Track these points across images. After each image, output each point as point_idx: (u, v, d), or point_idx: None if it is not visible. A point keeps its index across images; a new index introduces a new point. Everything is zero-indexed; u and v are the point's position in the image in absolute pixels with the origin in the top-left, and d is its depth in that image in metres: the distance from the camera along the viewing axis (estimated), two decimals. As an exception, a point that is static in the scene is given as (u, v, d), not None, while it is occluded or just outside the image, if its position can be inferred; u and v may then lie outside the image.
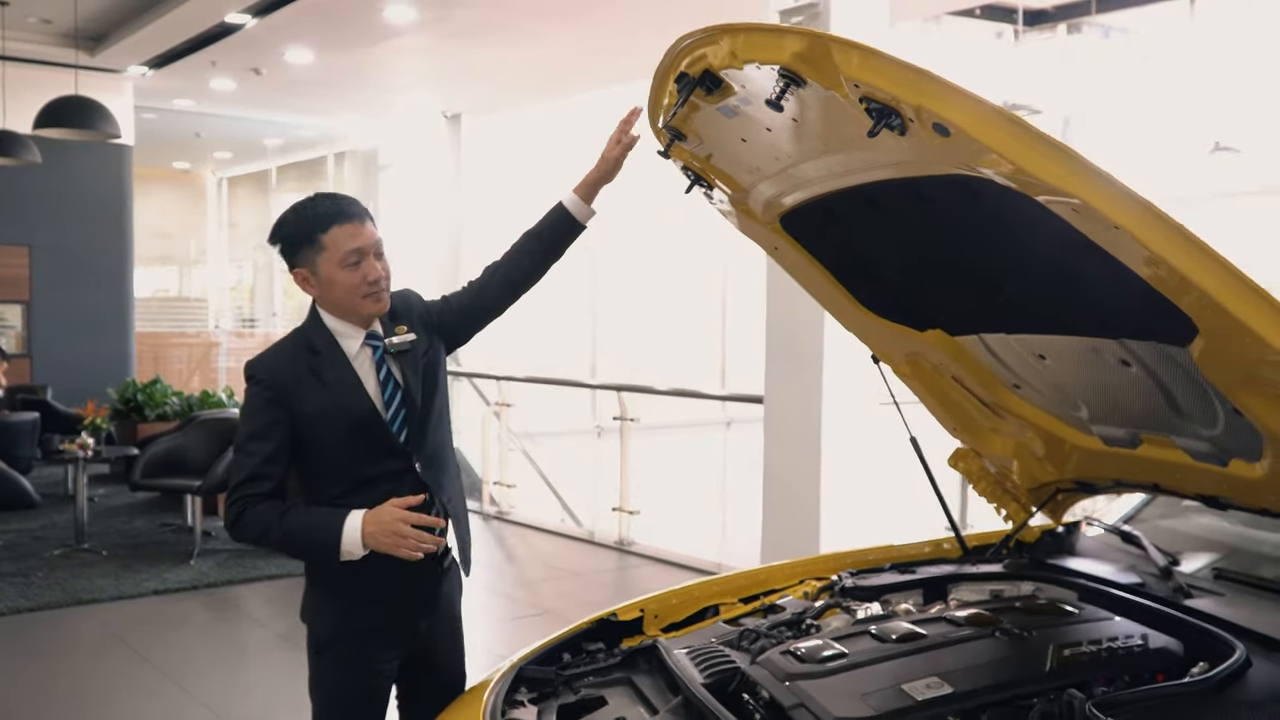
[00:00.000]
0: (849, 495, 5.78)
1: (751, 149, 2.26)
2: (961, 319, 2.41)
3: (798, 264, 2.65)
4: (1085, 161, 1.61)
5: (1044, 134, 1.63)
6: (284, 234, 2.43)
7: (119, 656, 5.42)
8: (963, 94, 1.66)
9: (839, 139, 1.97)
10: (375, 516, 2.28)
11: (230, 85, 11.39)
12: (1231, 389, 1.83)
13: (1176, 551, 2.67)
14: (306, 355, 2.42)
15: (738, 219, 2.65)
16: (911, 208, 2.06)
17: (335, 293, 2.42)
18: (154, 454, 7.44)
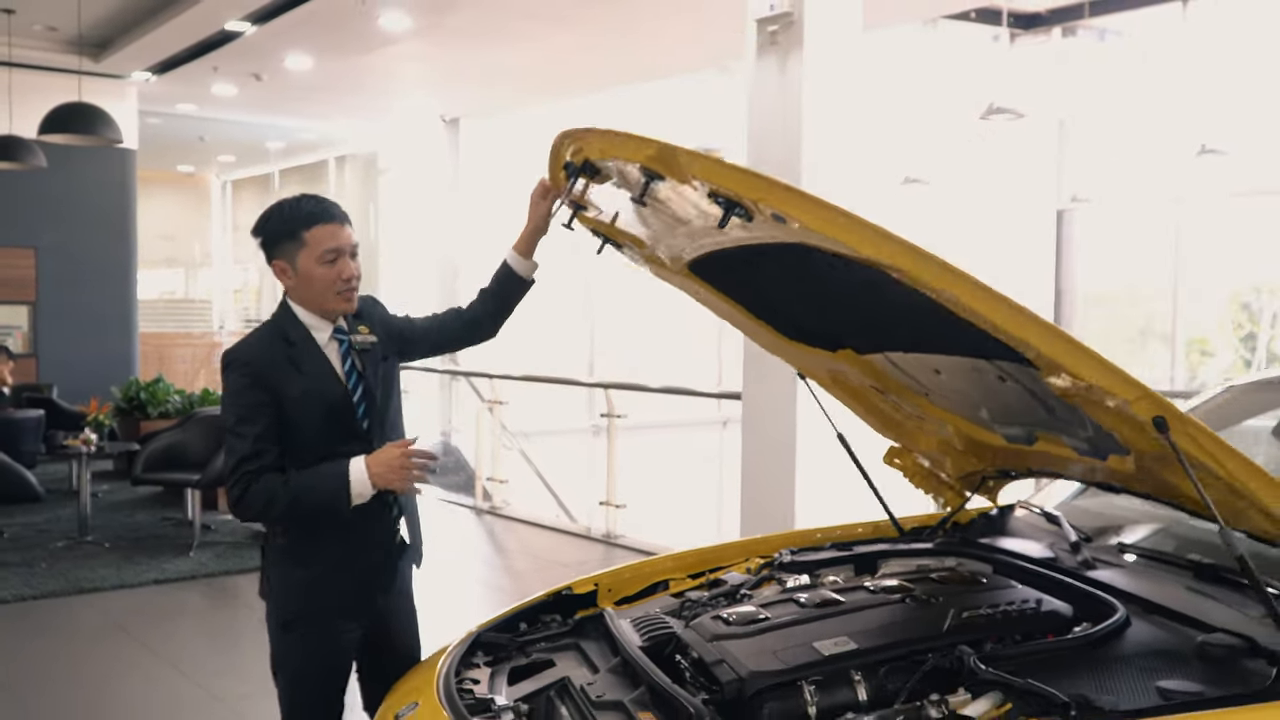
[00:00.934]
0: (822, 485, 5.99)
1: (644, 215, 2.51)
2: (864, 341, 2.64)
3: (714, 302, 2.88)
4: (902, 240, 1.88)
5: (864, 220, 1.91)
6: (269, 228, 2.64)
7: (119, 641, 5.65)
8: (794, 192, 1.97)
9: (703, 217, 2.23)
10: (378, 458, 2.50)
11: (232, 90, 11.62)
12: (1079, 404, 2.05)
13: (1092, 529, 2.88)
14: (283, 345, 2.61)
15: (651, 269, 2.90)
16: (785, 259, 2.29)
17: (311, 286, 2.61)
18: (154, 449, 7.66)
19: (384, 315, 2.83)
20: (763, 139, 6.17)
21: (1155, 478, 2.23)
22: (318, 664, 2.68)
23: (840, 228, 1.93)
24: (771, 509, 5.99)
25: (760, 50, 6.15)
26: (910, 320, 2.23)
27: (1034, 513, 3.12)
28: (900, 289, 1.98)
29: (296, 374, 2.58)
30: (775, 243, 2.17)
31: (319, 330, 2.65)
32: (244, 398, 2.54)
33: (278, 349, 2.60)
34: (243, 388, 2.55)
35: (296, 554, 2.62)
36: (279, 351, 2.60)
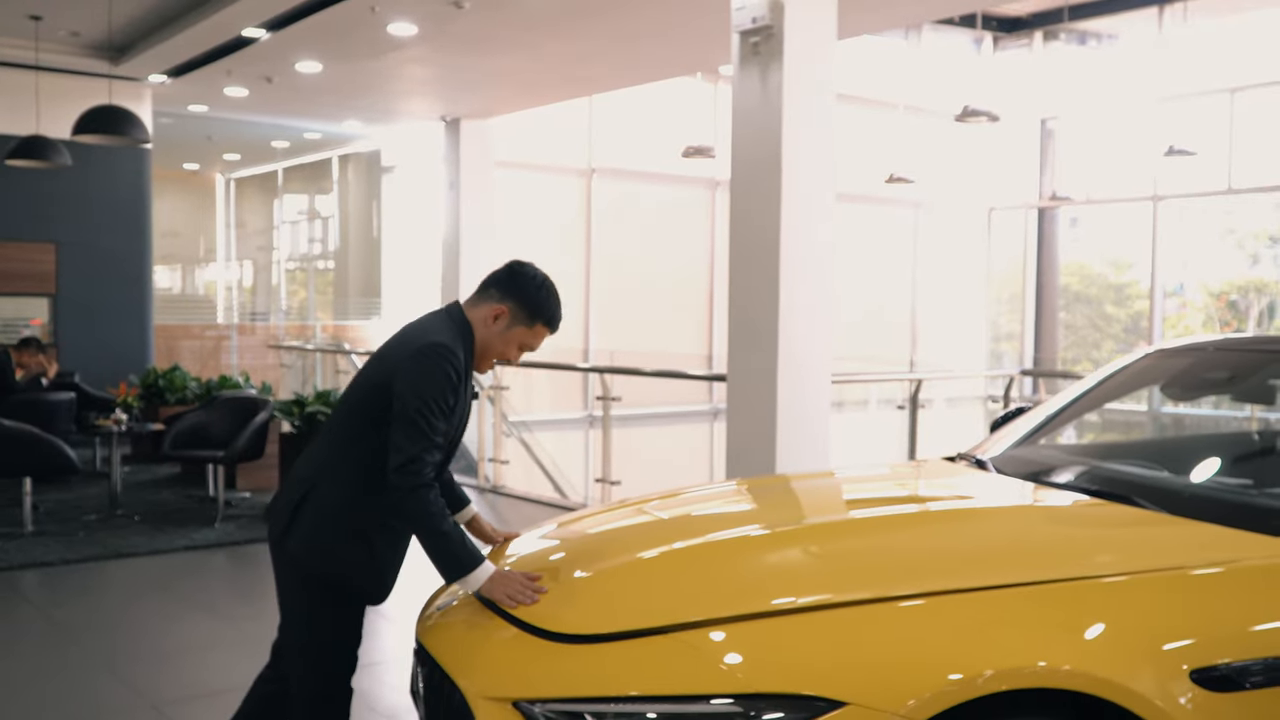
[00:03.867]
0: (803, 457, 6.55)
1: None
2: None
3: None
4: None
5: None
6: (527, 288, 2.95)
7: (161, 596, 6.20)
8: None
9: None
10: (505, 578, 2.73)
11: (243, 92, 12.14)
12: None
13: (1026, 474, 3.44)
14: (464, 352, 2.90)
15: None
16: None
17: (496, 345, 2.95)
18: (181, 428, 8.20)
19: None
20: (746, 141, 6.73)
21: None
22: (355, 632, 3.02)
23: None
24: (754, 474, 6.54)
25: (743, 59, 6.72)
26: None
27: (970, 462, 3.66)
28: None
29: (464, 390, 2.91)
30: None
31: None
32: (449, 392, 2.80)
33: (462, 353, 2.89)
34: (452, 384, 2.81)
35: (347, 525, 2.92)
36: (466, 366, 2.91)
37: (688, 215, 15.59)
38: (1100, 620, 2.28)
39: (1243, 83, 14.40)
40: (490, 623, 2.66)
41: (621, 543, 3.03)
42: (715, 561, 2.73)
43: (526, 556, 3.03)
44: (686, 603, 2.45)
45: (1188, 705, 2.16)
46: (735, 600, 2.42)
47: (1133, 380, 3.91)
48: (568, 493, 11.75)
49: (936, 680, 2.13)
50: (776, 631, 2.30)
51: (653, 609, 2.45)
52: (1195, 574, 2.45)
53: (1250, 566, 2.45)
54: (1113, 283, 17.77)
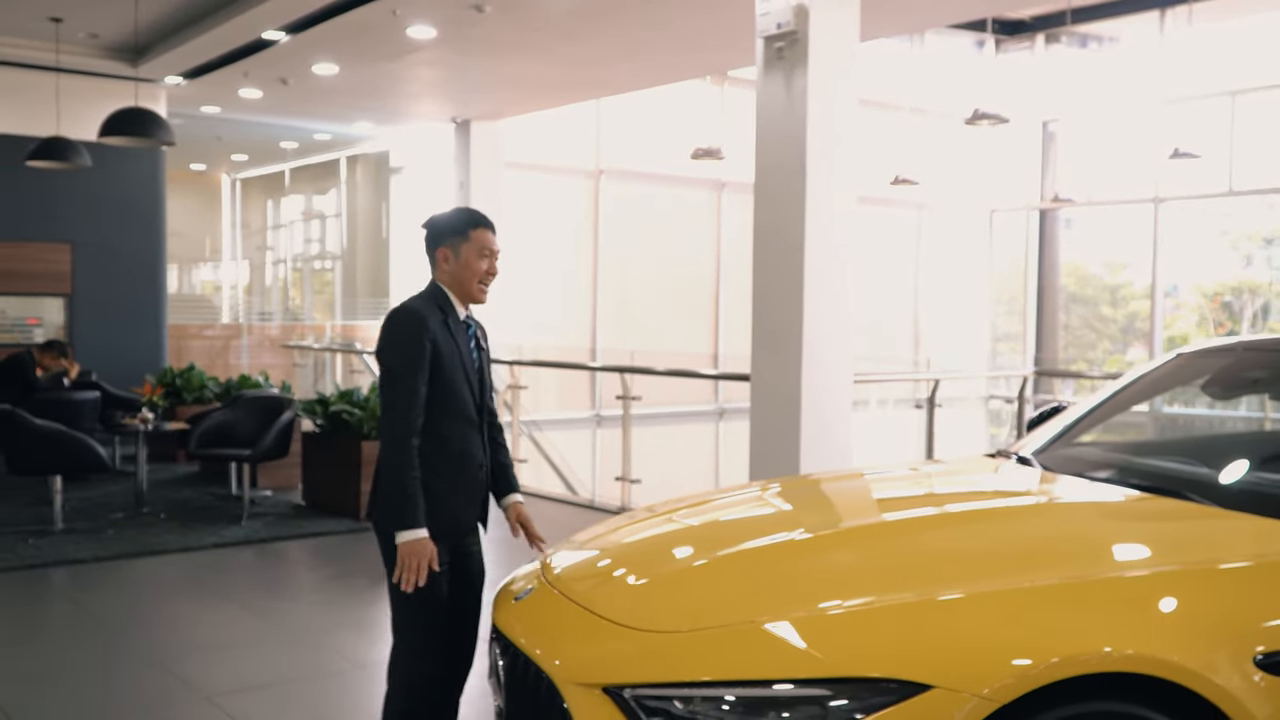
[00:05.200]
0: (826, 455, 6.66)
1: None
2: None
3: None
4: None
5: None
6: (442, 221, 3.33)
7: (191, 589, 6.29)
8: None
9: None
10: (413, 554, 3.10)
11: (257, 94, 12.23)
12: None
13: (1070, 471, 3.55)
14: (439, 311, 3.25)
15: None
16: None
17: (464, 273, 3.28)
18: (207, 427, 8.29)
19: (486, 340, 3.49)
20: (770, 145, 6.84)
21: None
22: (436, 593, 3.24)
23: None
24: (778, 464, 6.65)
25: (767, 65, 6.82)
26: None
27: (1013, 459, 3.77)
28: None
29: (448, 335, 3.23)
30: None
31: (459, 309, 3.32)
32: (414, 344, 3.15)
33: (435, 313, 3.24)
34: (416, 335, 3.16)
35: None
36: (436, 315, 3.24)
37: (694, 216, 15.70)
38: (1163, 609, 2.39)
39: (1244, 86, 14.53)
40: (572, 612, 2.76)
41: (695, 543, 3.14)
42: (794, 558, 2.84)
43: (589, 560, 3.13)
44: (768, 597, 2.56)
45: (1253, 689, 2.27)
46: (816, 593, 2.53)
47: (1163, 381, 4.03)
48: (579, 490, 11.87)
49: (1009, 667, 2.23)
50: (860, 622, 2.40)
51: (735, 604, 2.55)
52: (1253, 564, 2.56)
53: (1308, 557, 2.56)
54: (1108, 283, 17.91)
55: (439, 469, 3.24)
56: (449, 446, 3.25)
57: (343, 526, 7.82)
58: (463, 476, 3.30)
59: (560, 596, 2.87)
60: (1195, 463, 3.40)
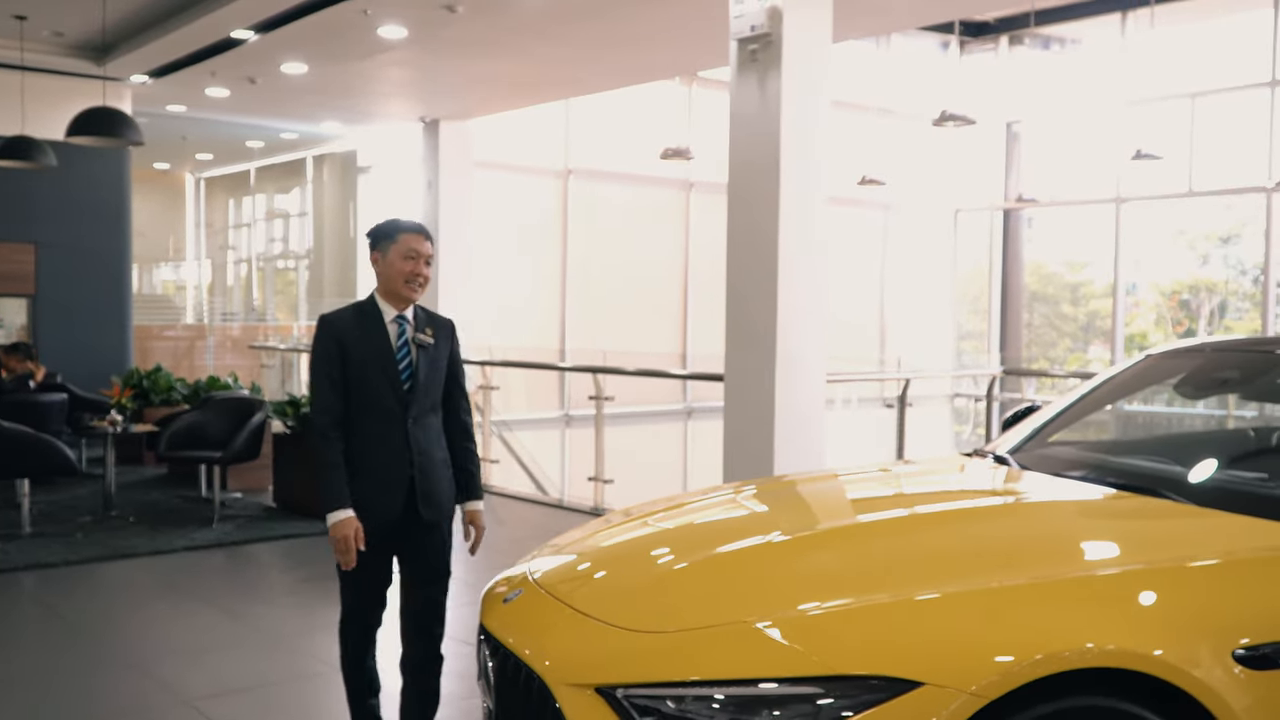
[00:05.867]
0: (799, 455, 6.71)
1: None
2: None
3: None
4: None
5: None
6: (378, 227, 3.70)
7: (165, 593, 6.26)
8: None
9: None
10: (347, 526, 3.47)
11: (224, 93, 12.14)
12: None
13: (1048, 470, 3.61)
14: (357, 314, 3.64)
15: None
16: None
17: (391, 273, 3.60)
18: (176, 429, 8.23)
19: (452, 335, 3.82)
20: (744, 146, 6.88)
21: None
22: (362, 566, 3.57)
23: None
24: (753, 473, 6.69)
25: (741, 66, 6.87)
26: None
27: (989, 458, 3.83)
28: None
29: (361, 337, 3.58)
30: None
31: (387, 312, 3.63)
32: (320, 349, 3.58)
33: (351, 316, 3.64)
34: (320, 340, 3.59)
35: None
36: (352, 318, 3.63)
37: (663, 216, 15.73)
38: (1143, 604, 2.45)
39: (1203, 88, 14.76)
40: (562, 613, 2.79)
41: (679, 545, 3.17)
42: (779, 560, 2.88)
43: (575, 562, 3.16)
44: (754, 598, 2.59)
45: (1233, 682, 2.33)
46: (803, 594, 2.56)
47: (1133, 381, 4.11)
48: (548, 490, 11.87)
49: (995, 664, 2.28)
50: (848, 621, 2.44)
51: (723, 605, 2.59)
52: (1228, 560, 2.63)
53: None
54: (1069, 282, 18.13)
55: (359, 460, 3.57)
56: (368, 440, 3.57)
57: (315, 529, 7.78)
58: (383, 471, 3.58)
59: (549, 598, 2.89)
60: (1170, 461, 3.47)
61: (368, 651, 3.78)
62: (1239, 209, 15.56)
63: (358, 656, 3.77)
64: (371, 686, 3.81)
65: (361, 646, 3.77)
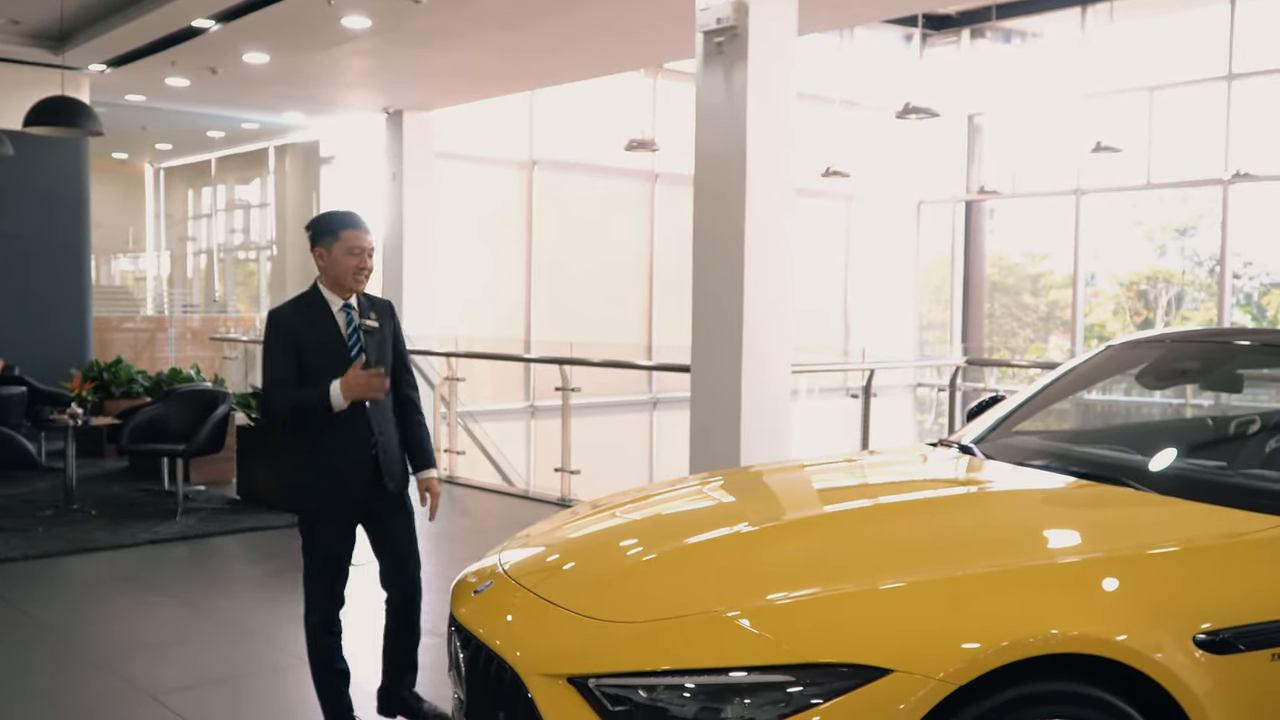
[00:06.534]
0: (765, 445, 6.75)
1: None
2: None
3: None
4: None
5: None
6: (319, 223, 3.84)
7: (129, 587, 6.21)
8: None
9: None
10: (345, 379, 3.67)
11: (184, 83, 11.99)
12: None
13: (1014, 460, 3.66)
14: (305, 308, 3.81)
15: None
16: None
17: (336, 269, 3.77)
18: (138, 422, 8.15)
19: (393, 319, 4.03)
20: (710, 139, 6.90)
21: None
22: (311, 542, 3.85)
23: None
24: (719, 465, 6.73)
25: (707, 59, 6.88)
26: None
27: (955, 448, 3.88)
28: None
29: (310, 328, 3.76)
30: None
31: (333, 302, 3.81)
32: (272, 338, 3.75)
33: (300, 311, 3.81)
34: (273, 332, 3.75)
35: (301, 466, 3.82)
36: (300, 312, 3.80)
37: (628, 208, 15.73)
38: (1107, 591, 2.50)
39: (1161, 81, 14.94)
40: (533, 604, 2.80)
41: (648, 536, 3.19)
42: (750, 549, 2.91)
43: (544, 554, 3.17)
44: (723, 589, 2.62)
45: (1194, 666, 2.38)
46: (774, 582, 2.60)
47: (1095, 372, 4.17)
48: (514, 481, 11.86)
49: (961, 650, 2.32)
50: (817, 609, 2.47)
51: (693, 595, 2.61)
52: (1189, 547, 2.68)
53: (1241, 541, 2.68)
54: (1030, 273, 18.32)
55: (320, 452, 3.78)
56: (330, 427, 3.74)
57: (280, 521, 7.74)
58: (344, 456, 3.79)
59: (520, 589, 2.90)
60: (1132, 450, 3.53)
61: (336, 651, 3.91)
62: (1196, 201, 15.77)
63: (328, 656, 3.90)
64: (343, 675, 3.93)
65: (330, 642, 3.90)
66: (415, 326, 11.27)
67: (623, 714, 2.37)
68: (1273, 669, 2.44)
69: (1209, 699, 2.37)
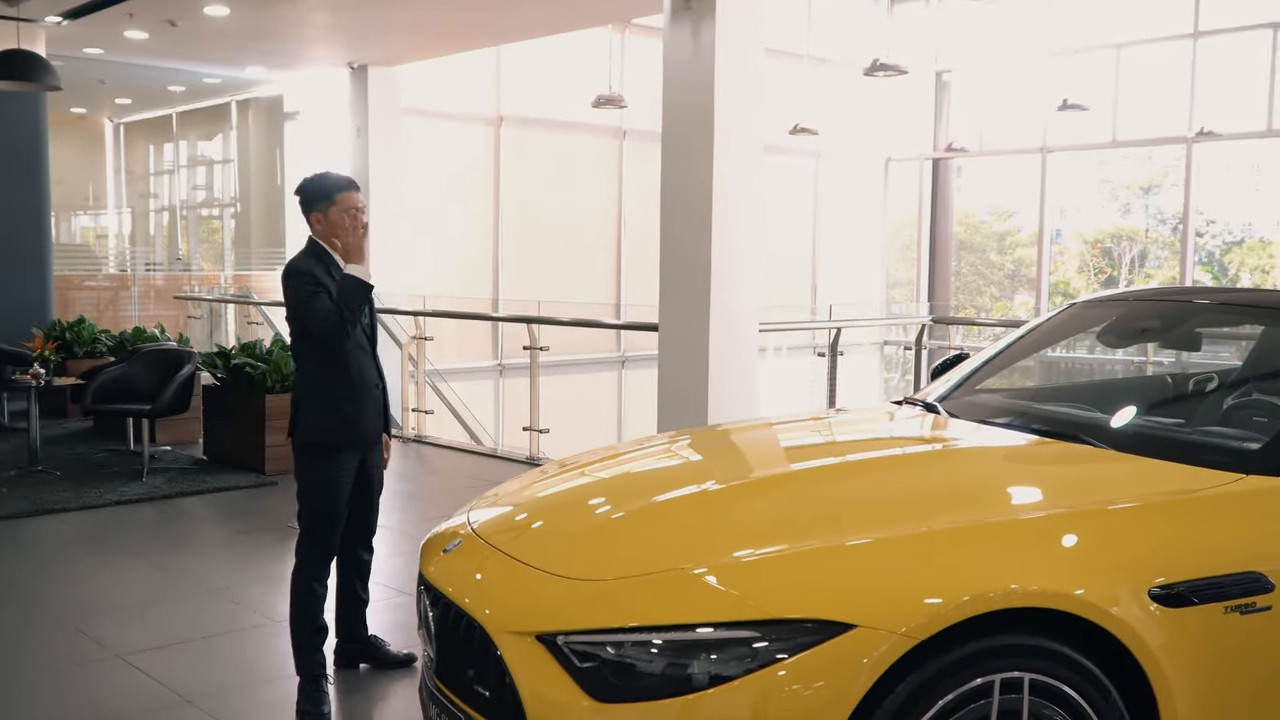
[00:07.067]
0: (733, 403, 6.80)
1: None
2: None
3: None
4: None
5: None
6: (310, 188, 4.01)
7: (96, 548, 6.18)
8: None
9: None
10: (342, 251, 3.93)
11: (143, 35, 11.78)
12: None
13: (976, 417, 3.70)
14: (322, 264, 3.99)
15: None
16: None
17: (332, 233, 3.96)
18: (102, 382, 8.08)
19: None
20: (678, 95, 6.88)
21: None
22: (332, 479, 4.03)
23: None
24: (687, 422, 6.77)
25: (675, 15, 6.84)
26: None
27: (919, 406, 3.92)
28: None
29: (328, 275, 3.95)
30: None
31: (339, 260, 3.99)
32: (300, 283, 3.91)
33: (320, 265, 3.98)
34: (299, 278, 3.91)
35: (324, 405, 4.01)
36: (321, 267, 3.98)
37: (596, 164, 15.65)
38: (1066, 546, 2.55)
39: (1127, 39, 14.98)
40: (502, 562, 2.82)
41: (616, 495, 3.21)
42: (718, 507, 2.93)
43: (513, 513, 3.19)
44: (690, 546, 2.64)
45: (1149, 619, 2.43)
46: (741, 540, 2.63)
47: (1058, 330, 4.22)
48: (483, 440, 11.87)
49: (924, 605, 2.36)
50: (782, 566, 2.51)
51: (660, 553, 2.64)
52: (1144, 503, 2.73)
53: (1197, 497, 2.74)
54: (996, 231, 18.42)
55: (343, 390, 4.03)
56: (349, 372, 4.02)
57: (247, 481, 7.73)
58: (363, 394, 4.07)
59: (489, 548, 2.92)
60: (1092, 408, 3.59)
61: (321, 608, 4.04)
62: (1160, 159, 15.89)
63: (315, 612, 4.02)
64: (324, 633, 4.05)
65: (320, 597, 4.04)
66: (382, 285, 11.14)
67: (591, 670, 2.40)
68: (1225, 621, 2.51)
69: (1163, 651, 2.43)
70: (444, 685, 2.81)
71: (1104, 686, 2.44)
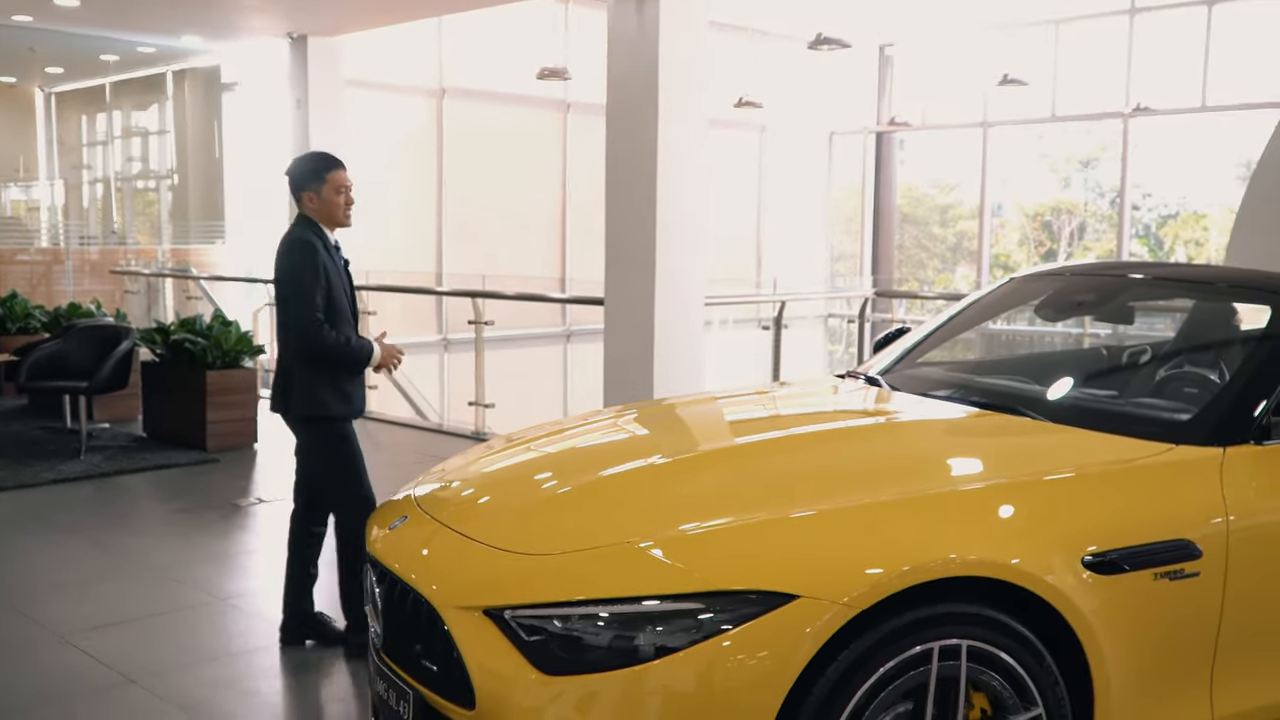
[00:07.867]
0: (678, 377, 6.83)
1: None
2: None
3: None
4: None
5: None
6: (300, 170, 4.22)
7: (34, 527, 6.08)
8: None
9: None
10: (384, 350, 4.29)
11: (74, 3, 11.51)
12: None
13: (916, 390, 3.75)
14: (320, 240, 4.19)
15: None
16: None
17: (328, 208, 4.19)
18: (37, 359, 7.92)
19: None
20: (622, 68, 6.86)
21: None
22: (344, 437, 4.28)
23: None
24: (633, 395, 6.79)
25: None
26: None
27: (861, 379, 3.97)
28: None
29: (329, 258, 4.17)
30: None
31: (331, 238, 4.24)
32: (311, 270, 4.07)
33: (318, 241, 4.17)
34: (311, 262, 4.08)
35: (337, 389, 4.20)
36: (319, 243, 4.17)
37: (540, 137, 15.56)
38: (1003, 517, 2.61)
39: (1066, 14, 15.16)
40: (448, 538, 2.83)
41: (561, 469, 3.22)
42: (658, 482, 2.95)
43: (459, 488, 3.19)
44: (635, 520, 2.67)
45: (1082, 586, 2.50)
46: (681, 515, 2.65)
47: (998, 304, 4.29)
48: (428, 416, 11.82)
49: (864, 576, 2.40)
50: (726, 539, 2.54)
51: (606, 527, 2.66)
52: (1078, 474, 2.80)
53: (1129, 467, 2.81)
54: (939, 204, 18.62)
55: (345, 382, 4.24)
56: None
57: (188, 458, 7.65)
58: (357, 383, 4.30)
59: (435, 523, 2.92)
60: (1030, 381, 3.66)
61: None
62: (1098, 133, 16.12)
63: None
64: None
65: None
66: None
67: (538, 644, 2.42)
68: (1155, 588, 2.58)
69: (1095, 617, 2.50)
70: (391, 660, 2.81)
71: (1039, 652, 2.51)
